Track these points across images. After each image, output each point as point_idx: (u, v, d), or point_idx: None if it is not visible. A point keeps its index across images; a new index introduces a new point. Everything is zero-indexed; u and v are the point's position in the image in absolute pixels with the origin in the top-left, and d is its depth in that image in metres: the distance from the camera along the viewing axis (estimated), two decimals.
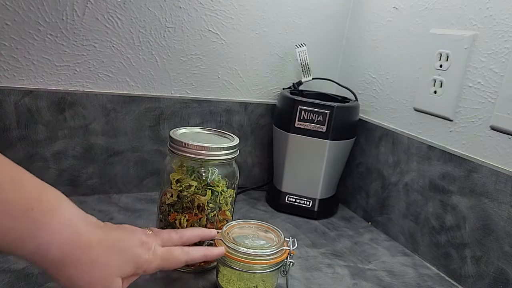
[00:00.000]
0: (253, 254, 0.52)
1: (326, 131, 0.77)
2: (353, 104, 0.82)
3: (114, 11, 0.73)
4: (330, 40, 0.94)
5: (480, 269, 0.62)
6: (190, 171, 0.58)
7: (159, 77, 0.80)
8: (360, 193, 0.87)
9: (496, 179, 0.60)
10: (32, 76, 0.70)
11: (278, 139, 0.84)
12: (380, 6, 0.85)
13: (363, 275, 0.65)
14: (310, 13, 0.90)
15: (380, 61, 0.85)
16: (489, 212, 0.61)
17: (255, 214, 0.81)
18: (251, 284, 0.54)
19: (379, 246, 0.75)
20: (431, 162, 0.70)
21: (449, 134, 0.70)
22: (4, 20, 0.66)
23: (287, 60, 0.91)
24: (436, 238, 0.69)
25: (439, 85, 0.71)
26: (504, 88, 0.61)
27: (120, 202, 0.77)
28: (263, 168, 0.94)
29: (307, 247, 0.71)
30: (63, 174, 0.74)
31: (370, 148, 0.84)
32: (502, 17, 0.62)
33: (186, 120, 0.83)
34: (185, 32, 0.79)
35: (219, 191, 0.58)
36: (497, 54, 0.62)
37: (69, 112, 0.72)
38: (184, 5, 0.78)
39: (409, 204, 0.75)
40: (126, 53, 0.76)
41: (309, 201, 0.83)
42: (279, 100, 0.85)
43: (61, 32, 0.70)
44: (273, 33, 0.87)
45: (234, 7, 0.82)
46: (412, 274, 0.67)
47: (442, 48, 0.70)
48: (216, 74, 0.85)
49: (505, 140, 0.61)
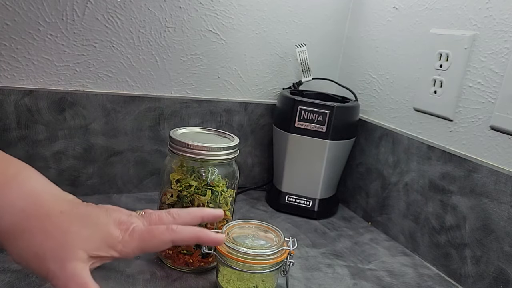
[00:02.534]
0: (253, 254, 0.52)
1: (326, 131, 0.77)
2: (353, 104, 0.82)
3: (114, 11, 0.73)
4: (330, 40, 0.94)
5: (480, 269, 0.62)
6: (190, 171, 0.58)
7: (159, 77, 0.80)
8: (360, 193, 0.87)
9: (496, 179, 0.60)
10: (32, 76, 0.70)
11: (278, 139, 0.84)
12: (380, 6, 0.85)
13: (363, 275, 0.65)
14: (310, 13, 0.90)
15: (380, 61, 0.85)
16: (489, 212, 0.61)
17: (255, 214, 0.81)
18: (251, 284, 0.54)
19: (379, 246, 0.75)
20: (431, 162, 0.70)
21: (449, 134, 0.70)
22: (4, 20, 0.66)
23: (287, 60, 0.91)
24: (436, 238, 0.69)
25: (439, 85, 0.71)
26: (504, 88, 0.61)
27: (120, 202, 0.77)
28: (263, 168, 0.94)
29: (307, 247, 0.71)
30: (63, 174, 0.74)
31: (370, 148, 0.85)
32: (502, 17, 0.62)
33: (186, 120, 0.83)
34: (185, 32, 0.79)
35: (219, 191, 0.58)
36: (497, 54, 0.62)
37: (69, 112, 0.72)
38: (184, 5, 0.78)
39: (409, 204, 0.75)
40: (126, 53, 0.76)
41: (309, 201, 0.83)
42: (279, 100, 0.85)
43: (61, 32, 0.70)
44: (273, 33, 0.87)
45: (234, 7, 0.82)
46: (412, 274, 0.67)
47: (442, 48, 0.70)
48: (216, 74, 0.85)
49: (505, 140, 0.61)
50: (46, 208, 0.37)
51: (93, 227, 0.38)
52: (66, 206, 0.39)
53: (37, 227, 0.36)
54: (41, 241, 0.36)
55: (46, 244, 0.36)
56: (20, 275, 0.53)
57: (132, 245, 0.40)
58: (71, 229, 0.37)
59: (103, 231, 0.39)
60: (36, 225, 0.36)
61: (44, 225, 0.36)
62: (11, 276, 0.52)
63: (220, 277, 0.56)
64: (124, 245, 0.39)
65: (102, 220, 0.40)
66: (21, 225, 0.36)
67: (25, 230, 0.36)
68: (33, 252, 0.36)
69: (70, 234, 0.37)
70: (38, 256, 0.36)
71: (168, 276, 0.57)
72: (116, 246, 0.39)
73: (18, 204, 0.37)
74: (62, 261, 0.36)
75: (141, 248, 0.40)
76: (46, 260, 0.36)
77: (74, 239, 0.37)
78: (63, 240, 0.36)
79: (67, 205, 0.39)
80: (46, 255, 0.36)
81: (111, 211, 0.42)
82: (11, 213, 0.36)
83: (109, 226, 0.39)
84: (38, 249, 0.36)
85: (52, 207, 0.38)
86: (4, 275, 0.52)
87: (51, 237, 0.36)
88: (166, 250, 0.59)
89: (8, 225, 0.36)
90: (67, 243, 0.36)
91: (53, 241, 0.36)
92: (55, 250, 0.36)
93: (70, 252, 0.36)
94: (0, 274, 0.52)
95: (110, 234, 0.39)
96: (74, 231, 0.37)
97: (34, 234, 0.36)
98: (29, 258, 0.36)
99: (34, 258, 0.36)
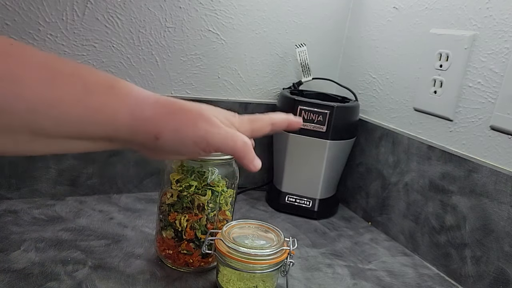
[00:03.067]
0: (253, 254, 0.52)
1: (326, 131, 0.78)
2: (353, 104, 0.82)
3: (114, 11, 0.73)
4: (330, 40, 0.94)
5: (480, 269, 0.62)
6: (190, 171, 0.58)
7: (159, 77, 0.80)
8: (360, 193, 0.87)
9: (496, 179, 0.60)
10: None
11: (278, 139, 0.84)
12: (380, 6, 0.85)
13: (363, 275, 0.65)
14: (310, 13, 0.90)
15: (380, 61, 0.85)
16: (489, 212, 0.61)
17: (255, 214, 0.81)
18: (251, 284, 0.54)
19: (379, 246, 0.75)
20: (431, 162, 0.70)
21: (449, 134, 0.70)
22: (4, 20, 0.66)
23: (287, 60, 0.91)
24: (436, 238, 0.69)
25: (439, 85, 0.71)
26: (504, 88, 0.61)
27: (120, 202, 0.77)
28: (263, 168, 0.93)
29: (307, 247, 0.71)
30: (63, 174, 0.74)
31: (370, 148, 0.85)
32: (502, 17, 0.62)
33: None
34: (185, 32, 0.79)
35: (219, 191, 0.58)
36: (497, 54, 0.62)
37: None
38: (184, 5, 0.78)
39: (409, 204, 0.75)
40: (126, 53, 0.76)
41: (309, 201, 0.83)
42: (279, 100, 0.85)
43: (61, 32, 0.70)
44: (273, 33, 0.87)
45: (234, 7, 0.82)
46: (412, 274, 0.67)
47: (442, 48, 0.70)
48: (216, 74, 0.85)
49: (505, 140, 0.61)
50: (171, 99, 0.41)
51: (215, 109, 0.44)
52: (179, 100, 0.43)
53: (178, 108, 0.40)
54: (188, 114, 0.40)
55: (193, 114, 0.41)
56: (20, 275, 0.53)
57: (245, 126, 0.46)
58: (203, 107, 0.42)
59: (222, 112, 0.45)
60: (176, 107, 0.40)
61: (181, 105, 0.41)
62: (11, 276, 0.52)
63: (220, 277, 0.56)
64: (240, 125, 0.45)
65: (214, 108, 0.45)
66: (166, 108, 0.40)
67: (170, 112, 0.40)
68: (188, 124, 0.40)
69: (207, 110, 0.42)
70: (192, 125, 0.40)
71: (168, 276, 0.57)
72: (235, 123, 0.45)
73: (151, 99, 0.40)
74: (212, 121, 0.41)
75: (251, 130, 0.46)
76: (199, 123, 0.41)
77: (212, 113, 0.42)
78: (201, 110, 0.41)
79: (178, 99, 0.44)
80: (198, 120, 0.41)
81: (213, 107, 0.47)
82: (149, 103, 0.39)
83: (225, 110, 0.46)
84: (189, 120, 0.40)
85: (173, 99, 0.42)
86: (4, 275, 0.52)
87: (192, 110, 0.41)
88: (166, 250, 0.59)
89: (153, 113, 0.39)
90: (204, 112, 0.42)
91: (196, 112, 0.41)
92: (202, 116, 0.41)
93: (212, 116, 0.42)
94: (0, 274, 0.52)
95: (229, 113, 0.46)
96: (207, 109, 0.43)
97: (180, 112, 0.40)
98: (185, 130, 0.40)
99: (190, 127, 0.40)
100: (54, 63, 0.36)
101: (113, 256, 0.60)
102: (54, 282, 0.52)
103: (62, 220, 0.68)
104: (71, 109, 0.35)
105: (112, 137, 0.39)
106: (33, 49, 0.35)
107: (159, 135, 0.39)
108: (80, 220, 0.69)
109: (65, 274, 0.54)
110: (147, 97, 0.40)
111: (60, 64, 0.36)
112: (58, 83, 0.35)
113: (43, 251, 0.59)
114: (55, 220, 0.67)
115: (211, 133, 0.41)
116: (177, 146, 0.41)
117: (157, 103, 0.40)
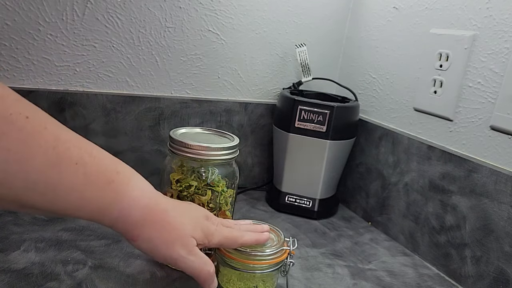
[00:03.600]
0: (253, 254, 0.52)
1: (326, 131, 0.78)
2: (353, 104, 0.82)
3: (114, 11, 0.73)
4: (330, 40, 0.94)
5: (480, 269, 0.62)
6: (190, 171, 0.58)
7: (159, 77, 0.80)
8: (360, 193, 0.87)
9: (496, 179, 0.60)
10: (32, 76, 0.70)
11: (278, 139, 0.84)
12: (380, 6, 0.85)
13: (363, 275, 0.65)
14: (310, 13, 0.90)
15: (380, 61, 0.85)
16: (489, 212, 0.61)
17: (255, 214, 0.81)
18: (251, 284, 0.54)
19: (379, 246, 0.75)
20: (431, 162, 0.70)
21: (449, 134, 0.70)
22: (4, 20, 0.66)
23: (287, 60, 0.91)
24: (436, 238, 0.69)
25: (439, 85, 0.71)
26: (504, 88, 0.61)
27: None
28: (263, 168, 0.94)
29: (307, 247, 0.71)
30: None
31: (370, 148, 0.85)
32: (502, 17, 0.62)
33: (186, 120, 0.83)
34: (185, 32, 0.79)
35: (219, 191, 0.58)
36: (497, 54, 0.62)
37: (69, 112, 0.72)
38: (184, 5, 0.78)
39: (409, 204, 0.75)
40: (126, 53, 0.76)
41: (309, 201, 0.83)
42: (279, 100, 0.85)
43: (61, 32, 0.70)
44: (273, 33, 0.87)
45: (234, 7, 0.82)
46: (412, 274, 0.67)
47: (442, 48, 0.70)
48: (216, 74, 0.85)
49: (505, 140, 0.61)
50: (161, 205, 0.44)
51: (195, 220, 0.46)
52: (172, 202, 0.46)
53: (162, 219, 0.43)
54: (168, 231, 0.43)
55: (171, 234, 0.43)
56: (20, 275, 0.53)
57: (217, 238, 0.48)
58: (184, 221, 0.45)
59: (202, 223, 0.47)
60: (160, 218, 0.43)
61: (166, 218, 0.43)
62: (11, 276, 0.52)
63: (220, 277, 0.56)
64: (213, 237, 0.47)
65: (198, 213, 0.48)
66: (150, 217, 0.42)
67: (154, 222, 0.42)
68: (164, 240, 0.43)
69: (186, 227, 0.44)
70: (168, 243, 0.43)
71: (168, 276, 0.57)
72: (209, 236, 0.47)
73: (143, 200, 0.42)
74: (189, 247, 0.44)
75: (221, 244, 0.49)
76: (176, 247, 0.43)
77: (188, 231, 0.45)
78: (183, 232, 0.44)
79: (171, 201, 0.46)
80: (176, 243, 0.43)
81: (198, 207, 0.50)
82: (140, 208, 0.42)
83: (204, 219, 0.47)
84: (167, 237, 0.43)
85: (165, 204, 0.44)
86: (4, 275, 0.52)
87: (174, 228, 0.43)
88: None
89: (139, 218, 0.42)
90: (185, 235, 0.44)
91: (176, 232, 0.43)
92: (178, 239, 0.43)
93: (189, 240, 0.44)
94: (0, 274, 0.52)
95: (206, 226, 0.47)
96: (187, 225, 0.45)
97: (161, 225, 0.43)
98: (159, 244, 0.43)
99: (165, 244, 0.43)
100: (63, 145, 0.36)
101: (113, 256, 0.60)
102: (54, 282, 0.52)
103: (62, 220, 0.68)
104: (66, 195, 0.37)
105: (95, 221, 0.42)
106: (47, 123, 0.36)
107: (136, 238, 0.42)
108: (80, 220, 0.69)
109: (65, 274, 0.54)
110: (140, 197, 0.42)
111: (67, 148, 0.37)
112: (61, 170, 0.36)
113: (43, 251, 0.59)
114: (55, 220, 0.67)
115: (184, 259, 0.44)
116: (149, 252, 0.44)
117: (146, 208, 0.42)
